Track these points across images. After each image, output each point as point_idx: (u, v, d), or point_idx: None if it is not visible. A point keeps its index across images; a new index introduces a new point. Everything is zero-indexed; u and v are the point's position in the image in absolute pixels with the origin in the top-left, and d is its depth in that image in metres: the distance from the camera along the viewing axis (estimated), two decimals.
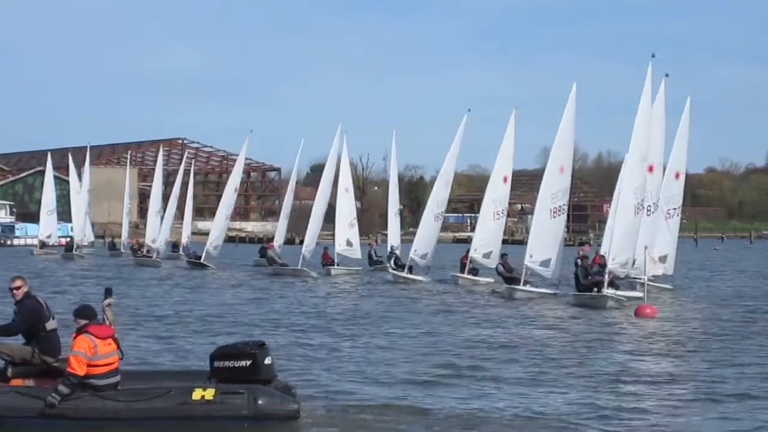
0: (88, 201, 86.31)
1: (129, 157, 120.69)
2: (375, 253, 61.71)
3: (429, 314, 33.11)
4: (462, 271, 48.82)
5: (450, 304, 37.14)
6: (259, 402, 14.98)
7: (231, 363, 15.37)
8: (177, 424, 14.83)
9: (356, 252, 60.11)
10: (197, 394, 14.97)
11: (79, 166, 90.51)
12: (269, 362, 15.56)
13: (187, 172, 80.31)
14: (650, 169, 36.78)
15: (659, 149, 36.95)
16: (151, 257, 69.55)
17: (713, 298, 40.70)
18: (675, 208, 45.05)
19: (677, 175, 44.94)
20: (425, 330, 28.22)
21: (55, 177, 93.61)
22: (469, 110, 54.17)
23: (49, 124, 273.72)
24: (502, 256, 44.64)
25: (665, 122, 39.92)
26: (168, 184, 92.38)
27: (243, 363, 15.31)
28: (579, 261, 37.91)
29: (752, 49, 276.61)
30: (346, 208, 59.97)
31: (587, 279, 36.66)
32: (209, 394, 14.98)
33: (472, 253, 48.04)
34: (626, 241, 37.07)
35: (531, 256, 40.08)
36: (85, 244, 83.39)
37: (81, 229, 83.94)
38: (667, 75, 36.59)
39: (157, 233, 73.89)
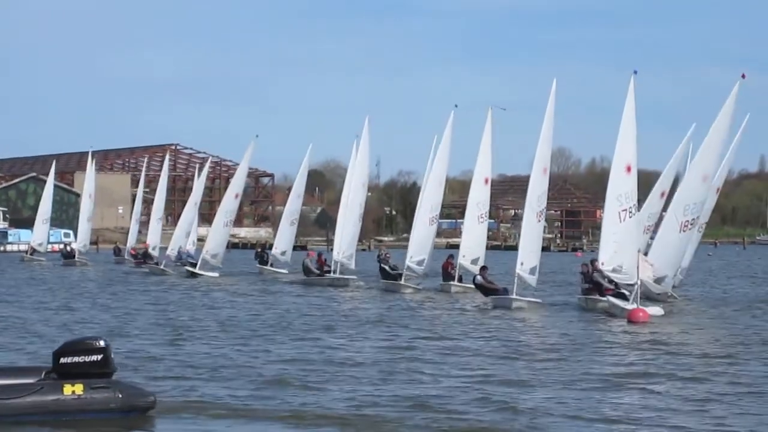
0: (92, 207, 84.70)
1: (145, 162, 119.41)
2: (389, 263, 51.07)
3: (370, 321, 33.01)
4: (445, 279, 47.44)
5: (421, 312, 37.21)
6: (123, 395, 15.96)
7: (83, 358, 15.94)
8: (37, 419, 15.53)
9: (351, 262, 55.01)
10: (68, 390, 15.74)
11: (73, 172, 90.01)
12: (113, 356, 16.35)
13: (177, 177, 79.48)
14: (628, 169, 36.14)
15: (633, 150, 36.11)
16: (157, 264, 66.49)
17: (710, 302, 40.91)
18: (705, 223, 44.46)
19: (718, 190, 44.17)
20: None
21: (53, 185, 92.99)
22: (456, 106, 51.24)
23: (40, 130, 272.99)
24: (482, 268, 42.48)
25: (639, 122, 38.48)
26: (157, 190, 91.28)
27: (95, 357, 15.97)
28: (589, 268, 37.80)
29: (743, 54, 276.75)
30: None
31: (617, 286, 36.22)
32: (78, 389, 15.76)
33: (460, 260, 46.68)
34: (670, 258, 36.56)
35: (522, 264, 38.42)
36: (83, 251, 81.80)
37: (85, 236, 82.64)
38: (635, 72, 35.91)
39: (158, 239, 72.43)
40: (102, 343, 16.13)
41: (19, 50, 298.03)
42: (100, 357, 15.92)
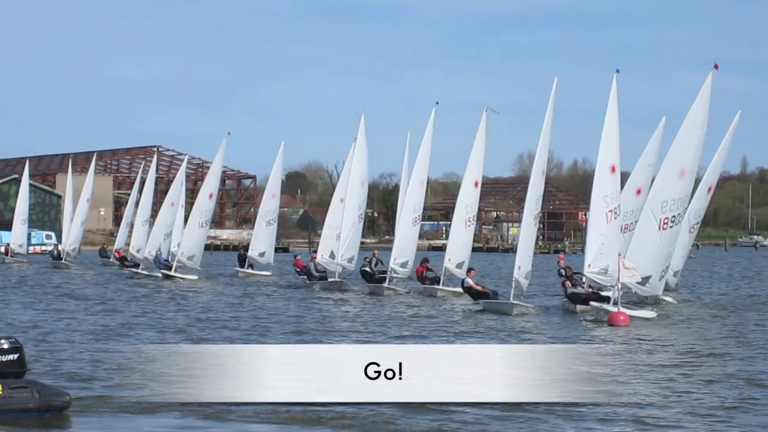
0: (86, 210, 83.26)
1: (153, 162, 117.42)
2: (370, 265, 50.29)
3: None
4: (423, 282, 46.78)
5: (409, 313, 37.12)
6: (40, 395, 16.15)
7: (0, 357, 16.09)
8: None
9: (333, 265, 52.52)
10: None
11: (55, 174, 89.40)
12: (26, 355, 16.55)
13: (159, 179, 78.19)
14: (612, 170, 35.82)
15: (617, 150, 35.74)
16: (136, 266, 64.64)
17: (708, 306, 40.97)
18: (697, 223, 43.93)
19: (709, 190, 43.59)
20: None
21: (31, 185, 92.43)
22: (437, 103, 50.77)
23: (21, 132, 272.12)
24: (469, 270, 41.96)
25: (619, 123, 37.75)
26: (143, 193, 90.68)
27: (11, 357, 16.10)
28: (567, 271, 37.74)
29: (724, 57, 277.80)
30: (339, 217, 53.86)
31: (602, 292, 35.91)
32: None
33: (445, 263, 45.85)
34: (652, 257, 35.72)
35: (519, 268, 37.29)
36: (73, 253, 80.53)
37: (76, 239, 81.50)
38: (617, 71, 35.70)
39: (144, 243, 71.16)
40: (16, 342, 16.26)
41: None
42: (16, 356, 16.07)
